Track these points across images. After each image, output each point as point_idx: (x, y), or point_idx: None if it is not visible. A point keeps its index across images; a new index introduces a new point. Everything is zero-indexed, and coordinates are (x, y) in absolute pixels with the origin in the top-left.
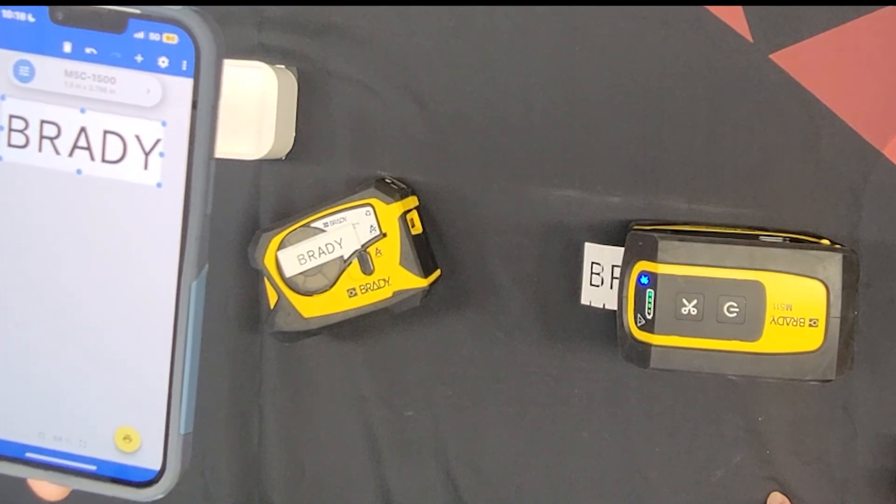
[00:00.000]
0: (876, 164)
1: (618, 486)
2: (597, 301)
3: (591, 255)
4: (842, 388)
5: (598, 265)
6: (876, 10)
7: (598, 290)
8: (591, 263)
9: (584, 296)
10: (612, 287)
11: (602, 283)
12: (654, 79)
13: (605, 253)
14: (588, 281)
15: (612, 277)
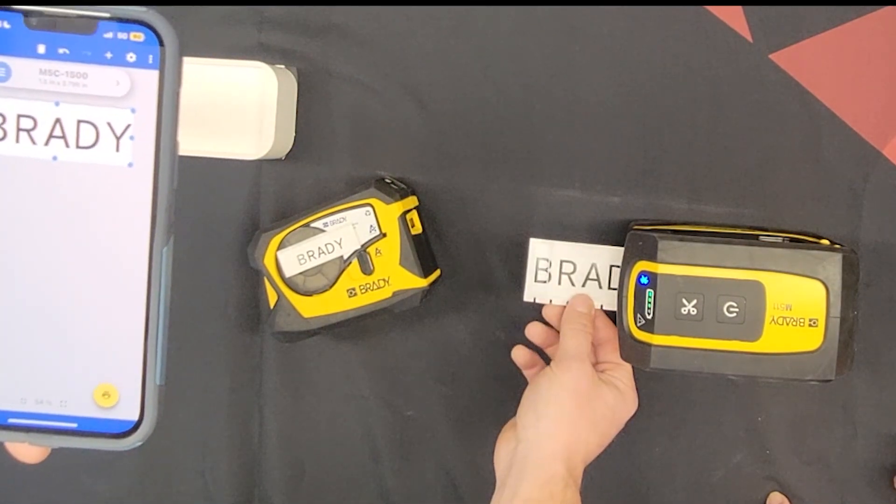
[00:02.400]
0: (876, 164)
1: (618, 486)
2: (542, 297)
3: (536, 250)
4: (842, 388)
5: (546, 261)
6: (876, 10)
7: (543, 287)
8: (536, 259)
9: (528, 292)
10: (559, 283)
11: (549, 278)
12: (654, 79)
13: (554, 249)
14: (533, 277)
15: (560, 273)
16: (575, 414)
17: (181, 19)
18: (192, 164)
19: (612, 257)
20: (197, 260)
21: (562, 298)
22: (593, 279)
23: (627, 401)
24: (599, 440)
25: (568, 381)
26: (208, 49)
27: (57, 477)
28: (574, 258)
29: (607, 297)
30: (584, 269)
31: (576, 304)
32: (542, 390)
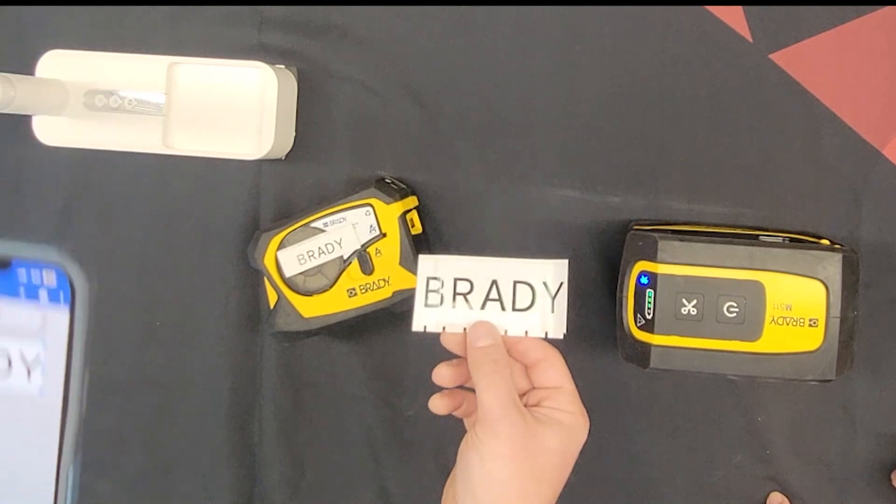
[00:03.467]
0: (876, 164)
1: (618, 486)
2: (433, 324)
3: (424, 268)
4: (842, 388)
5: (436, 280)
6: (876, 10)
7: (435, 312)
8: (426, 279)
9: (417, 320)
10: (453, 305)
11: (441, 301)
12: (654, 79)
13: (444, 265)
14: (423, 300)
15: (454, 293)
16: (516, 484)
17: (181, 19)
18: (192, 164)
19: (515, 272)
20: (197, 260)
21: (457, 326)
22: (494, 299)
23: (575, 431)
24: (552, 490)
25: (499, 450)
26: (208, 49)
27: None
28: (470, 275)
29: (513, 321)
30: (483, 288)
31: (476, 338)
32: (473, 470)
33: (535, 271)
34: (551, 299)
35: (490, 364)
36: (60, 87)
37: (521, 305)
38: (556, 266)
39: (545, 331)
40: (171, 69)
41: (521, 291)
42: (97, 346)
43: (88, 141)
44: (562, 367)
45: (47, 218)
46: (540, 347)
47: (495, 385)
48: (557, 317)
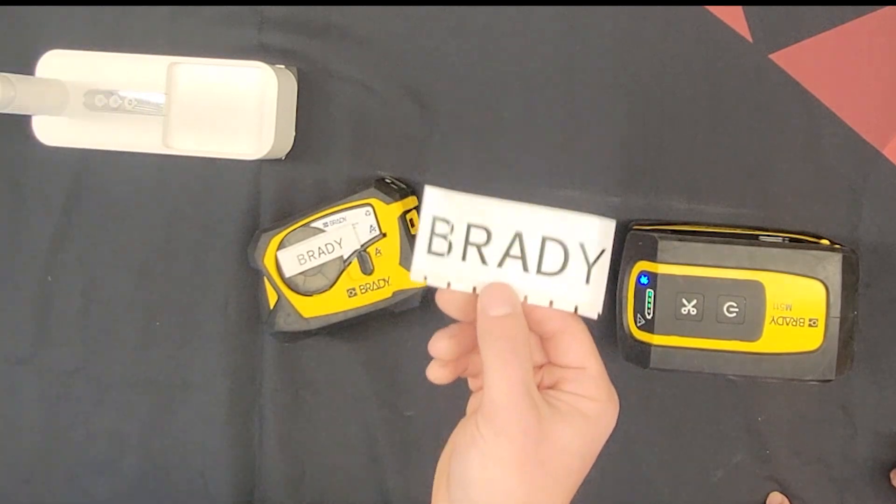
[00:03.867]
0: (876, 164)
1: (618, 486)
2: (436, 277)
3: (432, 205)
4: (842, 388)
5: (445, 223)
6: (876, 10)
7: (440, 262)
8: (432, 219)
9: (417, 268)
10: (464, 258)
11: (450, 250)
12: (654, 79)
13: (459, 205)
14: (426, 245)
15: (465, 243)
16: (522, 495)
17: (181, 19)
18: (192, 164)
19: (547, 225)
20: (197, 260)
21: (466, 283)
22: (515, 256)
23: (601, 423)
24: (566, 495)
25: (505, 454)
26: (208, 49)
27: (57, 477)
28: (489, 222)
29: (537, 286)
30: (504, 241)
31: (491, 303)
32: (472, 473)
33: (573, 228)
34: (588, 266)
35: (505, 341)
36: (60, 87)
37: (548, 268)
38: (601, 226)
39: (575, 304)
40: (171, 69)
41: (550, 251)
42: (97, 346)
43: (88, 141)
44: (586, 343)
45: (47, 218)
46: (560, 317)
47: (509, 369)
48: (593, 290)
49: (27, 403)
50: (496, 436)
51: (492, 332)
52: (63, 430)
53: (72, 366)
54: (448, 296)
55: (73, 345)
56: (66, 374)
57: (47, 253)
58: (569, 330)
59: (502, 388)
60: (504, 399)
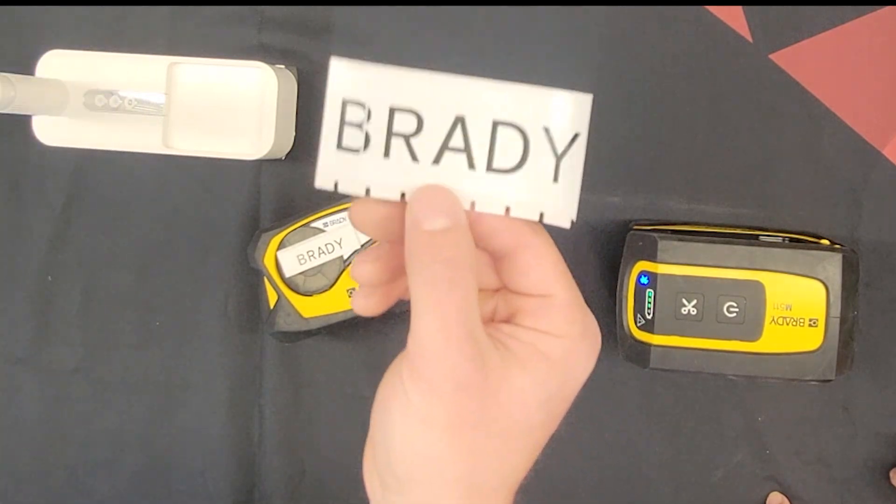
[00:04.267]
0: (876, 164)
1: (618, 486)
2: (351, 182)
3: (339, 84)
4: (842, 388)
5: (360, 107)
6: (876, 10)
7: (353, 160)
8: (340, 102)
9: (322, 170)
10: (386, 153)
11: (367, 143)
12: (654, 79)
13: (375, 81)
14: (334, 138)
15: (388, 133)
16: (460, 465)
17: (181, 19)
18: (192, 164)
19: (498, 104)
20: (197, 260)
21: (391, 188)
22: (457, 149)
23: (570, 363)
24: (524, 459)
25: (435, 413)
26: (208, 49)
27: (57, 477)
28: (420, 104)
29: (488, 188)
30: (441, 129)
31: (422, 215)
32: (393, 430)
33: (535, 107)
34: (556, 158)
35: (441, 266)
36: (60, 87)
37: (502, 163)
38: (573, 101)
39: (539, 211)
40: (171, 69)
41: (504, 139)
42: (97, 346)
43: (88, 141)
44: (552, 263)
45: (47, 218)
46: (517, 229)
47: (444, 305)
48: (563, 189)
49: (27, 403)
50: (424, 393)
51: (424, 254)
52: (63, 430)
53: (72, 366)
54: (365, 209)
55: (72, 344)
56: (66, 374)
57: (47, 253)
58: (529, 245)
59: (432, 331)
60: (435, 345)
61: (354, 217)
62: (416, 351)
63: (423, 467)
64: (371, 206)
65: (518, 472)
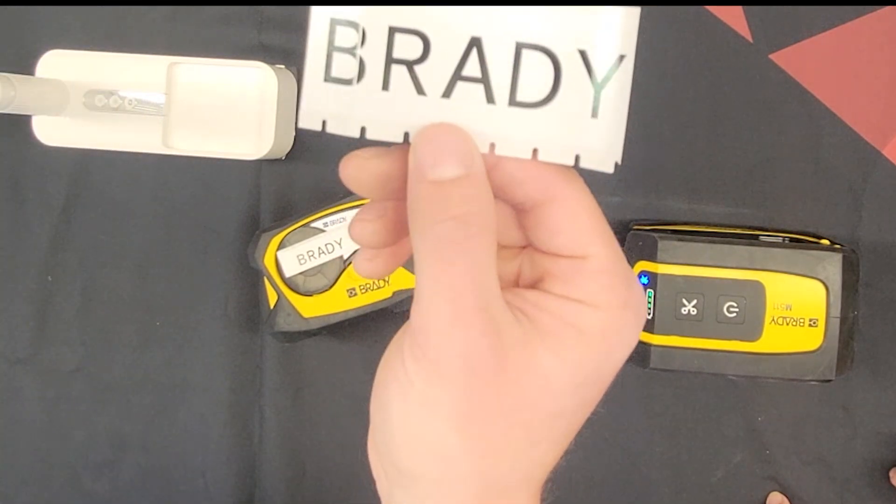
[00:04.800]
0: (876, 164)
1: (618, 486)
2: (342, 121)
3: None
4: (842, 388)
5: (353, 28)
6: (876, 10)
7: (345, 94)
8: (329, 24)
9: (308, 108)
10: (385, 86)
11: (361, 73)
12: (654, 79)
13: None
14: (321, 69)
15: (387, 61)
16: (469, 455)
17: (181, 19)
18: (192, 164)
19: (524, 24)
20: (197, 260)
21: (391, 128)
22: (472, 78)
23: (609, 339)
24: (553, 450)
25: (441, 399)
26: (208, 49)
27: (57, 477)
28: (426, 24)
29: (510, 126)
30: (453, 54)
31: (428, 160)
32: (393, 416)
33: (568, 24)
34: (595, 87)
35: (451, 225)
36: (60, 87)
37: (528, 96)
38: (619, 18)
39: (575, 153)
40: (171, 69)
41: (531, 65)
42: (97, 346)
43: (88, 141)
44: (590, 216)
45: (47, 218)
46: (547, 176)
47: (451, 272)
48: (606, 125)
49: (27, 403)
50: (428, 376)
51: (429, 210)
52: (63, 430)
53: (72, 366)
54: (358, 164)
55: (72, 345)
56: (66, 374)
57: (47, 253)
58: (560, 196)
59: (439, 303)
60: (441, 319)
61: (345, 174)
62: (419, 326)
63: (428, 460)
64: (366, 161)
65: (545, 466)
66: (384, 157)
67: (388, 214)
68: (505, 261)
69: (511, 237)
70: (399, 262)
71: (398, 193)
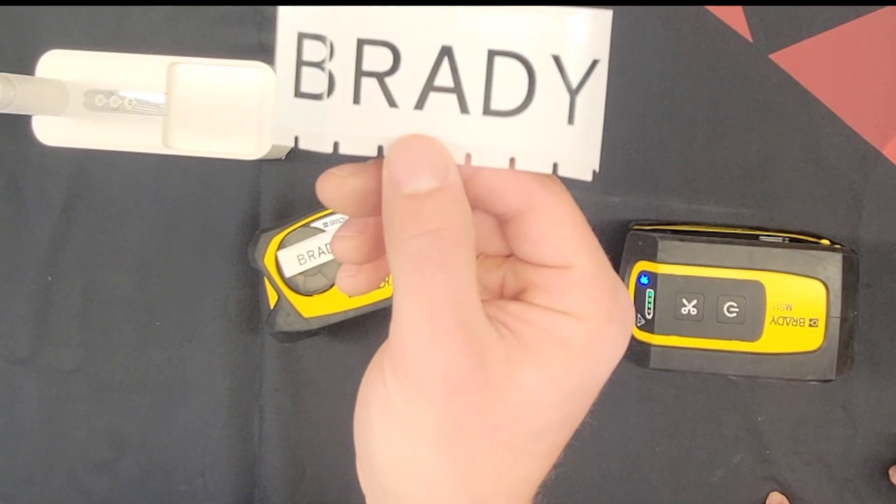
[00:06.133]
0: (876, 164)
1: (618, 486)
2: (313, 136)
3: (296, 15)
4: (842, 388)
5: (320, 42)
6: (876, 10)
7: (315, 109)
8: (296, 38)
9: (279, 123)
10: (355, 99)
11: (331, 87)
12: (654, 79)
13: (343, 11)
14: (291, 85)
15: (357, 73)
16: (453, 476)
17: (181, 19)
18: (192, 164)
19: (492, 31)
20: (197, 260)
21: (364, 141)
22: (445, 88)
23: (594, 351)
24: (539, 466)
25: (423, 420)
26: (208, 49)
27: (57, 477)
28: (395, 35)
29: (484, 137)
30: (424, 63)
31: (402, 173)
32: (375, 436)
33: (539, 29)
34: (570, 93)
35: (428, 239)
36: (60, 87)
37: (503, 104)
38: (588, 20)
39: (552, 161)
40: (171, 69)
41: (504, 72)
42: (97, 346)
43: (88, 141)
44: (571, 226)
45: (47, 218)
46: (526, 185)
47: (429, 289)
48: (582, 132)
49: (27, 403)
50: (409, 395)
51: (405, 224)
52: (63, 430)
53: (72, 366)
54: (334, 183)
55: (72, 345)
56: (66, 374)
57: (47, 253)
58: (541, 206)
59: (417, 320)
60: (420, 338)
61: (323, 195)
62: (399, 345)
63: (412, 481)
64: (342, 180)
65: (532, 481)
66: (360, 175)
67: (369, 230)
68: (489, 270)
69: (494, 246)
70: (382, 277)
71: (377, 209)
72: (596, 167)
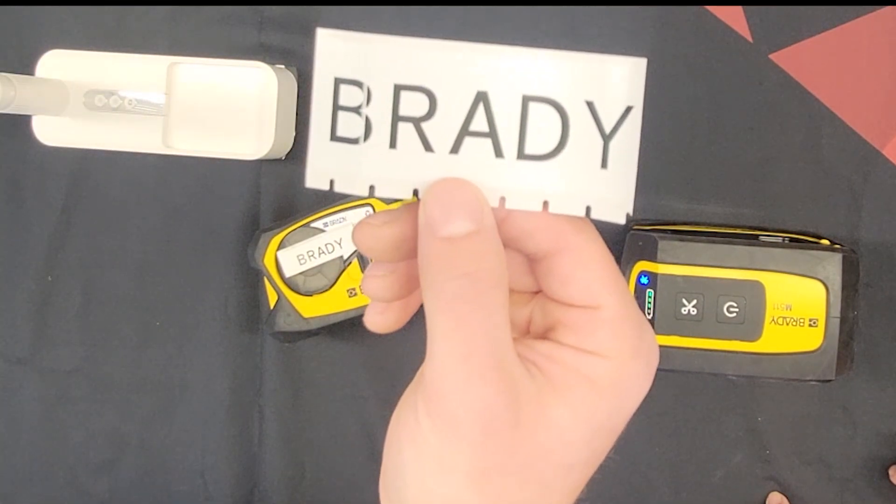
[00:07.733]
0: (876, 164)
1: (618, 486)
2: (350, 180)
3: (332, 61)
4: (842, 388)
5: (357, 87)
6: (876, 10)
7: (350, 153)
8: (333, 83)
9: (314, 167)
10: (392, 143)
11: (368, 132)
12: (654, 79)
13: (377, 53)
14: (328, 129)
15: (394, 117)
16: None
17: (181, 19)
18: (192, 164)
19: (530, 76)
20: (197, 260)
21: (399, 185)
22: (480, 133)
23: (622, 389)
24: (562, 501)
25: (458, 458)
26: (208, 49)
27: (56, 477)
28: (432, 80)
29: (518, 181)
30: (459, 109)
31: (438, 217)
32: (407, 473)
33: (574, 76)
34: (603, 138)
35: (463, 282)
36: (60, 87)
37: (537, 148)
38: (626, 68)
39: (585, 204)
40: (171, 69)
41: (538, 117)
42: (97, 346)
43: (88, 141)
44: (601, 267)
45: (47, 218)
46: (558, 227)
47: (463, 330)
48: (616, 176)
49: (27, 403)
50: (444, 435)
51: (441, 267)
52: (63, 430)
53: (72, 366)
54: (370, 232)
55: (72, 345)
56: (66, 374)
57: (47, 253)
58: (572, 247)
59: (453, 361)
60: (456, 378)
61: (358, 244)
62: (434, 384)
63: None
64: (378, 229)
65: None
66: (394, 223)
67: (400, 269)
68: (517, 306)
69: (523, 283)
70: (410, 312)
71: (412, 253)
72: (630, 210)
